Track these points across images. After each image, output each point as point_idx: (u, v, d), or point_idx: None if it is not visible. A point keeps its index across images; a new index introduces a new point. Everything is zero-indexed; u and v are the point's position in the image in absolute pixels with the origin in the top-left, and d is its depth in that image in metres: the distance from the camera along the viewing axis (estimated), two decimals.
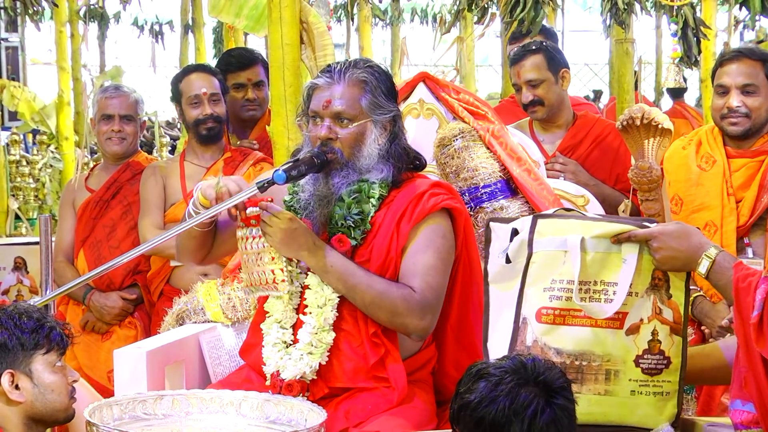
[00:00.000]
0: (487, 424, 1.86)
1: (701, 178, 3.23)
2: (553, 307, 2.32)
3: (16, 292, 4.38)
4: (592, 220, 2.46)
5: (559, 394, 1.90)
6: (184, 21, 9.65)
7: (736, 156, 3.23)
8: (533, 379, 1.89)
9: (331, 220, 2.60)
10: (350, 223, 2.58)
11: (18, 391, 2.32)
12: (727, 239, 3.15)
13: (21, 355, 2.32)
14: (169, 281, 3.92)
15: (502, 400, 1.86)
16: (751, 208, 3.17)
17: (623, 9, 3.32)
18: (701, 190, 3.21)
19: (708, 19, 6.31)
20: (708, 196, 3.19)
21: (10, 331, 2.31)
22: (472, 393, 1.89)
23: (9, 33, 11.26)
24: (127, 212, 3.99)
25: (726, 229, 3.16)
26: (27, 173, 7.53)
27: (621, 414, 2.34)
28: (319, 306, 2.56)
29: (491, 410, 1.86)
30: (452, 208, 2.64)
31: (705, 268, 2.28)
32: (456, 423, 1.94)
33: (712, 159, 3.24)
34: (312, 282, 2.58)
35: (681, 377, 2.38)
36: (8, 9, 5.65)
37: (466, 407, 1.90)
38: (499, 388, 1.87)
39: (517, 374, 1.90)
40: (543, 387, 1.89)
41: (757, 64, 3.17)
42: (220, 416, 2.43)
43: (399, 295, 2.53)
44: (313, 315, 2.56)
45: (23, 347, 2.32)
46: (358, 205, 2.58)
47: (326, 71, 2.63)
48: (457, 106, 3.10)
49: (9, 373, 2.31)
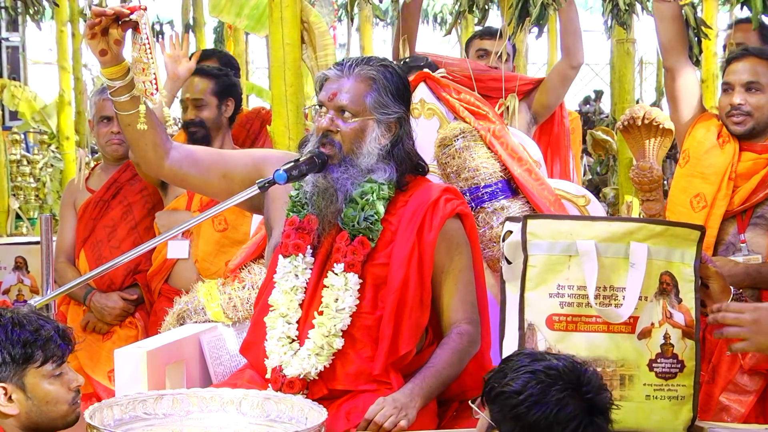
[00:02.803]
0: (528, 421, 1.86)
1: (715, 150, 3.25)
2: (565, 314, 2.33)
3: (16, 292, 4.37)
4: (589, 220, 2.47)
5: (602, 415, 1.91)
6: (185, 20, 9.66)
7: (746, 149, 3.24)
8: (584, 395, 1.89)
9: (344, 220, 2.59)
10: (367, 224, 2.58)
11: (11, 404, 2.26)
12: (713, 221, 3.17)
13: (12, 370, 2.25)
14: (167, 280, 3.92)
15: (549, 407, 1.86)
16: (744, 198, 3.18)
17: (624, 9, 3.33)
18: (707, 161, 3.24)
19: (709, 19, 6.32)
20: (711, 168, 3.22)
21: (2, 345, 2.24)
22: (519, 386, 1.88)
23: (10, 32, 11.27)
24: (128, 212, 4.00)
25: (715, 210, 3.18)
26: (28, 173, 7.54)
27: (637, 419, 2.34)
28: (337, 310, 2.55)
29: (535, 411, 1.86)
30: (463, 214, 2.67)
31: None
32: (490, 403, 1.93)
33: (728, 140, 3.25)
34: (333, 283, 2.57)
35: (695, 381, 2.38)
36: (9, 9, 5.66)
37: (509, 397, 1.88)
38: (550, 393, 1.86)
39: (570, 384, 1.89)
40: (591, 405, 1.89)
41: (763, 63, 3.18)
42: (220, 415, 2.42)
43: (465, 343, 2.60)
44: (329, 318, 2.55)
45: (14, 361, 2.24)
46: (372, 206, 2.58)
47: (339, 64, 2.64)
48: (458, 106, 3.11)
49: (1, 386, 2.24)
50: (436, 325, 2.67)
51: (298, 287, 2.60)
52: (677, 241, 2.39)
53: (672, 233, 2.39)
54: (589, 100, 12.94)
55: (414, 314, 2.58)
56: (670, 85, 3.31)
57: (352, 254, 2.57)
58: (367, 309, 2.58)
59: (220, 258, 3.75)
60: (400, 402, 2.45)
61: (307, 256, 2.61)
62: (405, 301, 2.57)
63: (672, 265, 2.38)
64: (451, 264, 2.62)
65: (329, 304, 2.55)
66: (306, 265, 2.61)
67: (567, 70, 4.23)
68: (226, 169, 2.75)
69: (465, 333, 2.60)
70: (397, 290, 2.56)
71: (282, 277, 2.62)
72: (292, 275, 2.61)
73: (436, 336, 2.69)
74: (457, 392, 2.64)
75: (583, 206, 3.11)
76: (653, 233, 2.37)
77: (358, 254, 2.56)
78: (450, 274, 2.62)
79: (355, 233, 2.58)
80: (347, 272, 2.56)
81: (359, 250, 2.57)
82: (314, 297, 2.60)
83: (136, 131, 2.64)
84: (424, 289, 2.59)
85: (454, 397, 2.66)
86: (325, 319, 2.55)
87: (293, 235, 2.62)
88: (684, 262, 2.39)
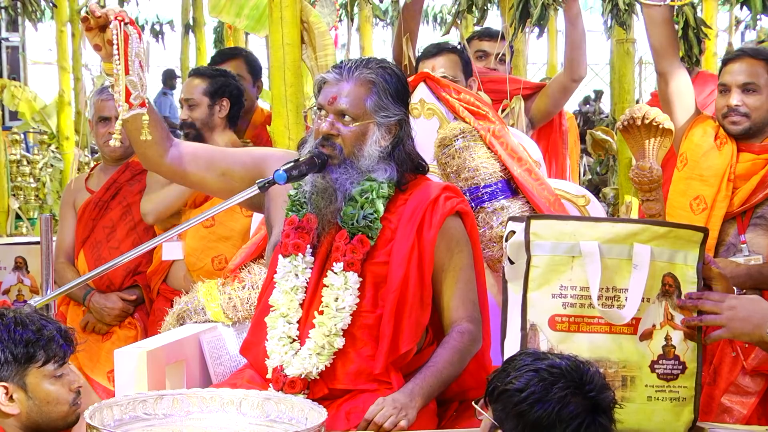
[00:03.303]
0: (530, 420, 1.87)
1: (713, 151, 3.25)
2: (567, 315, 2.33)
3: (16, 292, 4.38)
4: (593, 221, 2.47)
5: (605, 414, 1.92)
6: (185, 21, 9.67)
7: (744, 150, 3.25)
8: (586, 393, 1.90)
9: (343, 219, 2.60)
10: (366, 222, 2.58)
11: (12, 404, 2.26)
12: (714, 223, 3.18)
13: (14, 369, 2.26)
14: (165, 280, 3.93)
15: (551, 405, 1.87)
16: (744, 198, 3.19)
17: (624, 9, 3.33)
18: (705, 163, 3.25)
19: (709, 19, 6.34)
20: (710, 170, 3.23)
21: (4, 344, 2.24)
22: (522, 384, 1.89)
23: (9, 33, 11.28)
24: (127, 213, 4.00)
25: (716, 212, 3.19)
26: (28, 173, 7.54)
27: (639, 421, 2.35)
28: (338, 309, 2.56)
29: (537, 409, 1.87)
30: (464, 212, 2.67)
31: None
32: (493, 402, 1.94)
33: (725, 141, 3.26)
34: (333, 282, 2.58)
35: (697, 383, 2.39)
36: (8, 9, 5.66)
37: (511, 395, 1.90)
38: (552, 391, 1.88)
39: (573, 382, 1.90)
40: (593, 403, 1.90)
41: (759, 64, 3.19)
42: (220, 415, 2.41)
43: (466, 341, 2.60)
44: (329, 317, 2.56)
45: (16, 360, 2.25)
46: (372, 205, 2.59)
47: (338, 67, 2.64)
48: (458, 106, 3.11)
49: (2, 386, 2.25)
50: (437, 324, 2.67)
51: (299, 287, 2.60)
52: (680, 243, 2.40)
53: (675, 235, 2.40)
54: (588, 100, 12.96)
55: (414, 313, 2.58)
56: (663, 89, 3.32)
57: (352, 253, 2.57)
58: (367, 308, 2.58)
59: (206, 254, 3.78)
60: (400, 402, 2.45)
61: (307, 256, 2.62)
62: (405, 300, 2.57)
63: (675, 266, 2.39)
64: (451, 262, 2.62)
65: (329, 304, 2.56)
66: (306, 265, 2.61)
67: (568, 83, 4.24)
68: (226, 167, 2.76)
69: (466, 331, 2.60)
70: (397, 289, 2.56)
71: (282, 277, 2.62)
72: (292, 275, 2.61)
73: (436, 335, 2.69)
74: (457, 392, 2.64)
75: (583, 206, 3.11)
76: (656, 235, 2.38)
77: (357, 253, 2.57)
78: (450, 272, 2.63)
79: (354, 232, 2.58)
80: (347, 271, 2.57)
81: (358, 249, 2.57)
82: (314, 296, 2.61)
83: (135, 127, 2.64)
84: (425, 287, 2.60)
85: (454, 397, 2.66)
86: (325, 318, 2.55)
87: (293, 235, 2.63)
88: (687, 264, 2.40)
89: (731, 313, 2.30)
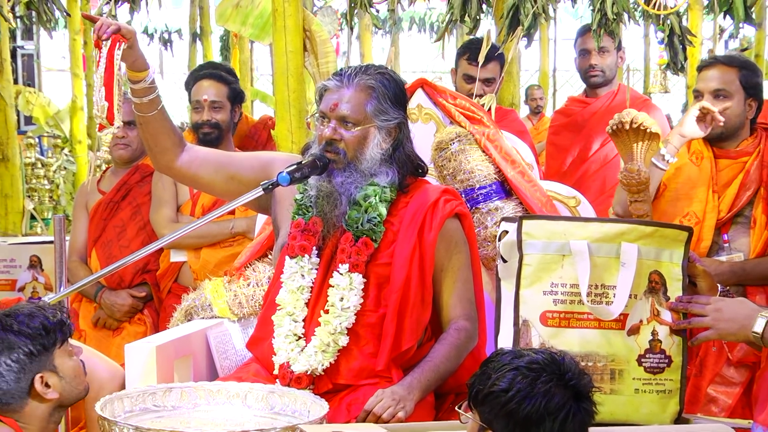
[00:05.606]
0: (519, 417, 1.88)
1: (691, 171, 3.28)
2: (558, 311, 2.38)
3: (31, 289, 4.39)
4: (582, 221, 2.52)
5: (588, 399, 1.93)
6: (192, 29, 9.73)
7: (721, 156, 3.28)
8: (567, 382, 1.90)
9: (348, 222, 2.64)
10: (370, 226, 2.61)
11: (50, 389, 2.33)
12: (706, 232, 3.20)
13: (45, 357, 2.33)
14: (177, 279, 3.99)
15: (538, 399, 1.87)
16: (730, 204, 3.22)
17: (612, 18, 3.37)
18: (689, 183, 3.26)
19: (694, 27, 6.38)
20: (695, 188, 3.24)
21: (30, 338, 2.31)
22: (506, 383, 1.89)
23: (25, 41, 11.34)
24: (137, 213, 4.05)
25: (707, 223, 3.21)
26: (42, 175, 7.59)
27: (626, 412, 2.39)
28: (342, 309, 2.59)
29: (526, 405, 1.87)
30: (462, 214, 2.71)
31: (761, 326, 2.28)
32: (479, 405, 1.93)
33: (701, 155, 3.29)
34: (339, 282, 2.61)
35: (682, 375, 2.43)
36: (24, 18, 5.75)
37: (497, 396, 1.89)
38: (537, 386, 1.88)
39: (554, 374, 1.90)
40: (575, 391, 1.91)
41: (732, 71, 3.21)
42: (226, 407, 2.46)
43: (463, 338, 2.63)
44: (334, 316, 2.59)
45: (45, 349, 2.33)
46: (375, 209, 2.62)
47: (338, 74, 2.67)
48: (454, 110, 3.14)
49: (38, 376, 2.32)
50: (435, 321, 2.71)
51: (305, 287, 2.64)
52: (666, 242, 2.44)
53: (661, 234, 2.44)
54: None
55: (415, 311, 2.62)
56: None
57: (357, 255, 2.60)
58: (370, 307, 2.62)
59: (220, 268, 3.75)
60: (398, 394, 2.48)
61: (313, 257, 2.65)
62: (407, 299, 2.60)
63: (661, 264, 2.44)
64: (450, 262, 2.66)
65: (335, 303, 2.60)
66: (312, 266, 2.65)
67: None
68: (234, 171, 2.81)
69: (463, 329, 2.63)
70: (400, 289, 2.60)
71: (289, 277, 2.66)
72: (298, 275, 2.65)
73: (434, 331, 2.73)
74: (454, 386, 2.68)
75: (574, 207, 3.13)
76: (643, 234, 2.42)
77: (362, 255, 2.60)
78: (449, 272, 2.66)
79: (359, 234, 2.62)
80: (352, 272, 2.60)
81: (363, 251, 2.61)
82: (320, 296, 2.64)
83: (149, 132, 2.72)
84: (425, 287, 2.63)
85: (450, 390, 2.70)
86: (330, 317, 2.59)
87: (299, 237, 2.67)
88: (672, 262, 2.45)
89: (718, 314, 2.32)
